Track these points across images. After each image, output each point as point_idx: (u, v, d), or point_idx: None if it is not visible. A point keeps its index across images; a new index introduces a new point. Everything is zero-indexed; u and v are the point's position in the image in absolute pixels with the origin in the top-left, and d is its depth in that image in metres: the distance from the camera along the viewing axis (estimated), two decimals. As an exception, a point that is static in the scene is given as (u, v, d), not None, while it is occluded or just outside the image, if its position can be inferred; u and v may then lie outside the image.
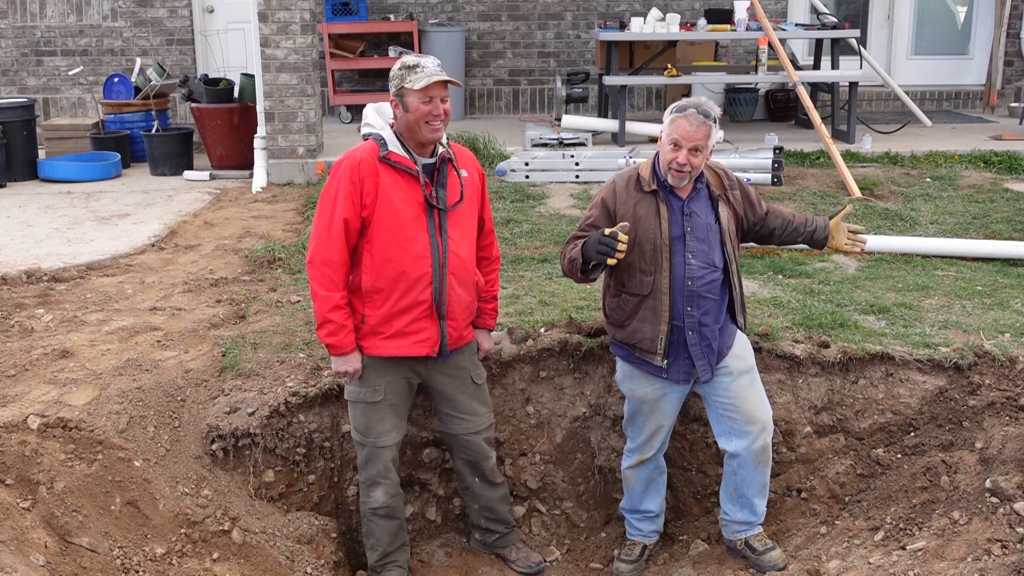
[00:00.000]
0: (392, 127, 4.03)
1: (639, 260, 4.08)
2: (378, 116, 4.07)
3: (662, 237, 4.05)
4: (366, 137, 4.04)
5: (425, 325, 4.05)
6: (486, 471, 4.45)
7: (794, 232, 4.39)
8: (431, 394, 4.32)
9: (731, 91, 11.04)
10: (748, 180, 7.53)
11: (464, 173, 4.11)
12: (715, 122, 3.98)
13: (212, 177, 9.22)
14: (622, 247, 3.92)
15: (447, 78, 3.90)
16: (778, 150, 7.87)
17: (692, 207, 4.08)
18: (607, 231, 3.94)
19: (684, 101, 4.02)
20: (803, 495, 4.63)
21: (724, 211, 4.12)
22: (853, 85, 9.50)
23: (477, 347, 4.38)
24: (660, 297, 4.08)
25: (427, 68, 3.89)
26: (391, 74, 3.95)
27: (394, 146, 3.97)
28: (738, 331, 4.24)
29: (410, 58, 3.94)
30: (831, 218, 4.42)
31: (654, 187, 4.07)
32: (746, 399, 4.19)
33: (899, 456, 4.54)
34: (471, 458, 4.40)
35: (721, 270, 4.13)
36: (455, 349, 4.18)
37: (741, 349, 4.23)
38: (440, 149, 4.05)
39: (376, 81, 11.59)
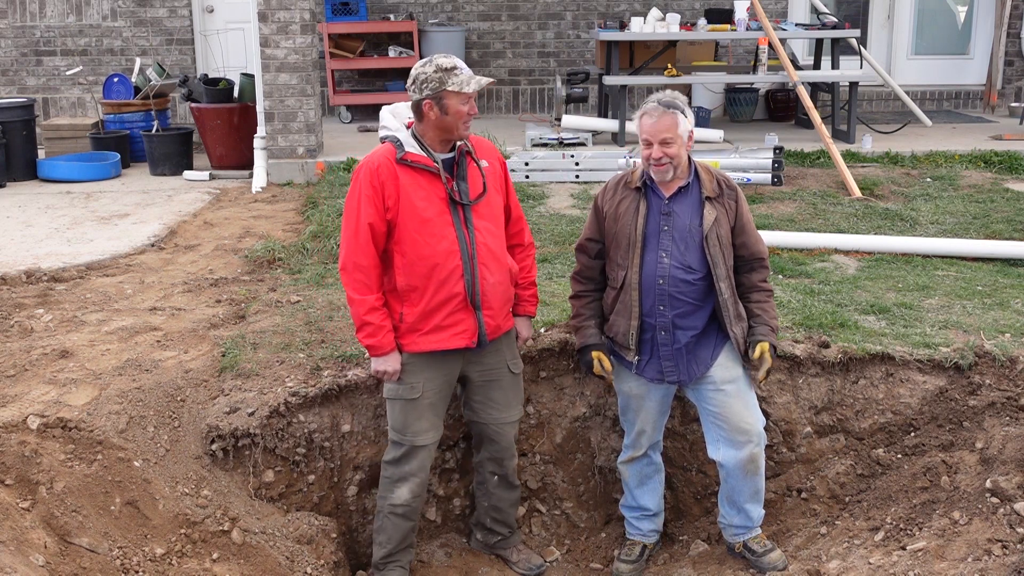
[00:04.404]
0: (409, 127, 4.06)
1: (616, 254, 4.15)
2: (394, 118, 4.13)
3: (636, 233, 4.07)
4: (383, 140, 4.08)
5: (462, 317, 4.07)
6: (508, 471, 4.45)
7: (746, 305, 4.18)
8: (465, 384, 4.33)
9: (731, 91, 11.04)
10: (748, 180, 7.58)
11: (484, 163, 4.14)
12: (682, 111, 3.98)
13: (212, 177, 9.21)
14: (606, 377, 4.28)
15: (490, 79, 4.03)
16: (778, 150, 7.87)
17: (673, 207, 4.08)
18: (598, 372, 4.22)
19: (650, 98, 4.06)
20: (803, 495, 4.63)
21: (711, 214, 4.05)
22: (853, 85, 9.50)
23: (516, 336, 4.37)
24: (631, 292, 4.11)
25: (465, 70, 3.96)
26: (423, 76, 3.92)
27: (411, 146, 4.01)
28: (728, 342, 4.14)
29: (443, 60, 3.96)
30: (762, 344, 4.10)
31: (638, 184, 4.12)
32: (731, 410, 4.15)
33: (899, 456, 4.54)
34: (496, 454, 4.40)
35: (702, 275, 4.06)
36: (494, 339, 4.19)
37: (727, 359, 4.16)
38: (458, 143, 4.08)
39: (376, 81, 11.59)
